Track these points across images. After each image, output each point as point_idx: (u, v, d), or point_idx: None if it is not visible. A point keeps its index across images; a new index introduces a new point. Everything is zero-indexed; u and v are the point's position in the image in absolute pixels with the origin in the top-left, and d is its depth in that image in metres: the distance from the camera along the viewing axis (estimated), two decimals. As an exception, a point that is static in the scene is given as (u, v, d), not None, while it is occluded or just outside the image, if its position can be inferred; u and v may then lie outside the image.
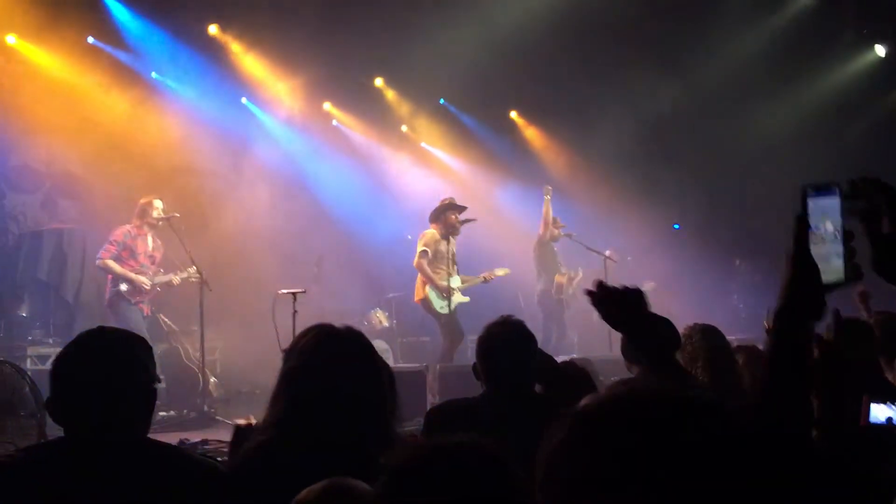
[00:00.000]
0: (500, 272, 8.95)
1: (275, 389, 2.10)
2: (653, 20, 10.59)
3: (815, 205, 1.26)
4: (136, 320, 7.54)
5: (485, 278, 8.81)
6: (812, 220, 1.25)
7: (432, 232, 8.39)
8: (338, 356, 2.07)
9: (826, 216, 1.25)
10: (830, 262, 1.23)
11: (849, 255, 1.23)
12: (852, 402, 1.53)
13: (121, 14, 9.50)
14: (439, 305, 8.26)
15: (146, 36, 9.75)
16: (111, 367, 1.95)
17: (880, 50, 11.74)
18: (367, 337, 2.21)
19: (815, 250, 1.25)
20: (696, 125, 11.51)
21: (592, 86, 11.16)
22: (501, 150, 12.80)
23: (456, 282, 8.42)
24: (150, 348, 2.12)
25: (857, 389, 1.73)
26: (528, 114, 12.89)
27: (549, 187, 9.82)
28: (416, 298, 8.48)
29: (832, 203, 1.26)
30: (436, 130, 12.54)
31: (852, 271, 1.23)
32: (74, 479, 1.86)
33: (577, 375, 3.30)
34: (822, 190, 1.26)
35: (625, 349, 3.62)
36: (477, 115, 12.63)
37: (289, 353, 2.13)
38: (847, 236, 1.24)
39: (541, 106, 12.28)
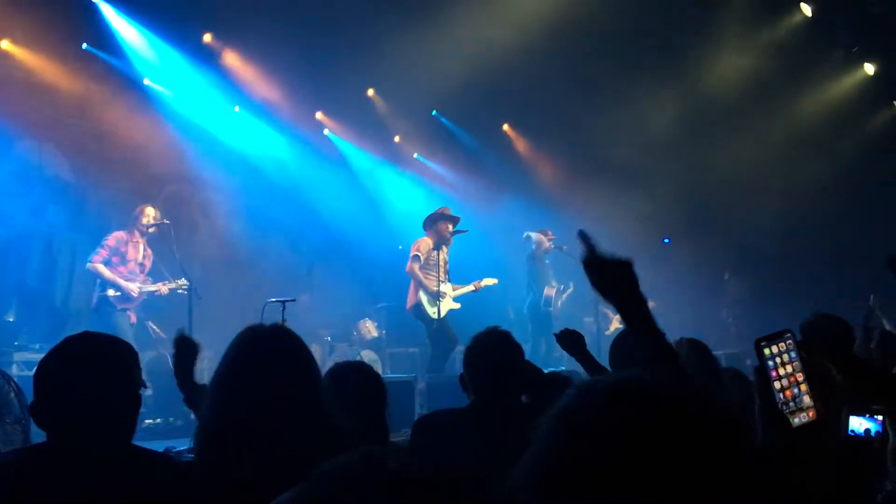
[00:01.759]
0: (488, 282, 9.03)
1: (208, 394, 2.14)
2: (644, 37, 10.67)
3: (772, 353, 1.31)
4: (122, 326, 7.51)
5: (475, 286, 8.89)
6: (770, 368, 1.30)
7: (426, 240, 8.48)
8: (263, 356, 2.10)
9: (785, 362, 1.30)
10: (802, 401, 1.28)
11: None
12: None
13: (115, 21, 9.49)
14: (431, 311, 8.31)
15: (140, 43, 9.75)
16: (95, 371, 1.94)
17: (870, 68, 11.86)
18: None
19: (782, 395, 1.31)
20: (687, 140, 11.58)
21: (584, 101, 11.21)
22: (493, 162, 12.84)
23: (447, 289, 8.48)
24: (136, 354, 2.11)
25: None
26: (520, 127, 12.95)
27: (527, 234, 10.02)
28: (409, 305, 8.51)
29: (787, 348, 1.31)
30: (428, 142, 12.57)
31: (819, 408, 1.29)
32: (57, 484, 1.84)
33: (562, 386, 3.31)
34: (776, 338, 1.32)
35: (612, 360, 3.64)
36: (469, 127, 12.67)
37: (222, 357, 2.16)
38: (808, 375, 1.29)
39: (532, 119, 12.33)
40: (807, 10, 10.78)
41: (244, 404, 2.02)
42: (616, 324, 11.06)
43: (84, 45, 9.52)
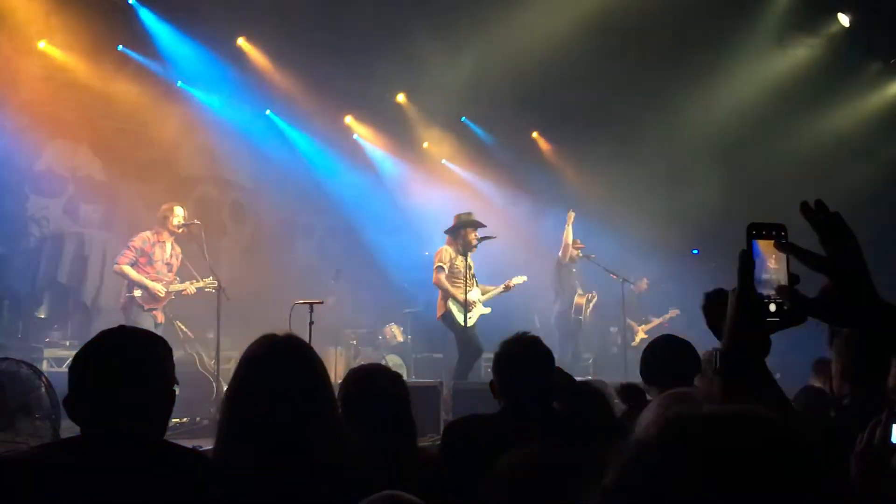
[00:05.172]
0: (518, 280, 8.84)
1: (224, 400, 2.16)
2: (677, 47, 10.56)
3: (761, 243, 1.26)
4: (148, 327, 7.53)
5: (505, 287, 8.73)
6: (759, 259, 1.25)
7: (447, 248, 8.38)
8: (274, 366, 2.10)
9: (772, 255, 1.25)
10: (774, 301, 1.23)
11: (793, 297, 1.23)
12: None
13: (151, 23, 9.59)
14: (460, 318, 8.23)
15: (175, 45, 9.84)
16: (131, 365, 1.94)
17: (907, 80, 11.67)
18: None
19: (763, 288, 1.26)
20: (719, 151, 11.46)
21: (614, 107, 11.15)
22: (522, 169, 12.80)
23: (476, 294, 8.40)
24: (170, 349, 2.12)
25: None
26: (549, 134, 12.90)
27: (573, 212, 9.90)
28: (438, 314, 8.42)
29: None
30: (457, 148, 12.57)
31: (794, 312, 1.23)
32: (89, 477, 1.83)
33: (592, 395, 3.29)
34: (769, 229, 1.26)
35: (644, 369, 3.60)
36: (498, 133, 12.65)
37: (238, 364, 2.18)
38: (792, 279, 1.24)
39: (561, 127, 12.28)
40: (844, 20, 10.63)
41: (254, 410, 2.03)
42: (642, 334, 10.96)
43: (119, 47, 9.64)
